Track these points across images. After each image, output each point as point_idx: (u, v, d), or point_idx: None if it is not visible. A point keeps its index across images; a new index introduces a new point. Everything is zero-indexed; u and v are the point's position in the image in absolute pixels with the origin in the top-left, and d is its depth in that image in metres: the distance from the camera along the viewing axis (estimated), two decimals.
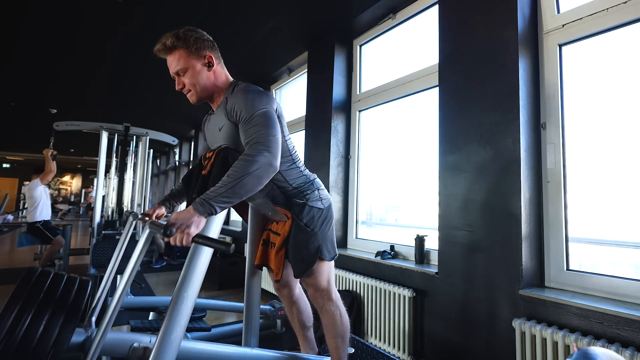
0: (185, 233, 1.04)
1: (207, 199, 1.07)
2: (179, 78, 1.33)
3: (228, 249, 0.98)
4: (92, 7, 2.89)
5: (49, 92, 5.33)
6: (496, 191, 1.83)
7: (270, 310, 2.72)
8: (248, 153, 1.14)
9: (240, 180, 1.08)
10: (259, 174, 1.11)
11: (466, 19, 2.08)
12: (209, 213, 1.07)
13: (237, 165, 1.11)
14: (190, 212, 1.06)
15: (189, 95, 1.37)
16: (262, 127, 1.19)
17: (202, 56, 1.31)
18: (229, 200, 1.09)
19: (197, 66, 1.31)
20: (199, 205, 1.06)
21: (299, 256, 1.41)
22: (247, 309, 1.54)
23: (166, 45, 1.27)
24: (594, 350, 0.65)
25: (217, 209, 1.08)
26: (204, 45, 1.31)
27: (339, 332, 1.51)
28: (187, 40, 1.28)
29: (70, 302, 1.02)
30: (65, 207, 16.20)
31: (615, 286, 1.51)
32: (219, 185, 1.09)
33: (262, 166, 1.12)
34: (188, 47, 1.28)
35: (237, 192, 1.09)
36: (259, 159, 1.12)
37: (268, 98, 1.29)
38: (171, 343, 1.03)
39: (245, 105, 1.24)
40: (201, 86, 1.33)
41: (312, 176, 1.51)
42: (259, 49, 3.61)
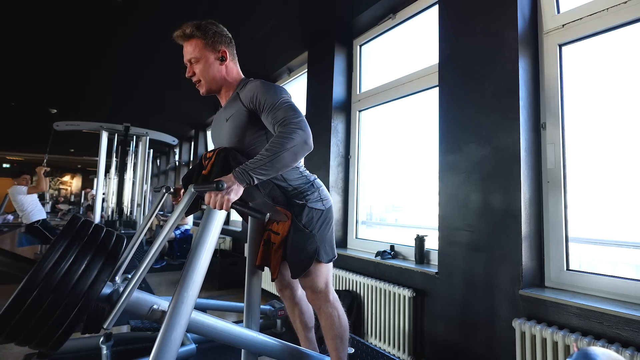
0: (225, 198, 1.08)
1: (247, 169, 1.12)
2: (191, 66, 1.37)
3: (263, 217, 1.07)
4: (92, 7, 2.89)
5: (49, 92, 5.33)
6: (496, 191, 1.83)
7: (270, 310, 2.71)
8: (283, 131, 1.18)
9: (279, 154, 1.13)
10: (296, 150, 1.16)
11: (466, 19, 2.08)
12: (247, 183, 1.12)
13: (275, 141, 1.15)
14: (230, 180, 1.10)
15: (198, 86, 1.41)
16: (291, 111, 1.23)
17: (217, 50, 1.36)
18: (266, 173, 1.14)
19: (210, 58, 1.36)
20: (239, 174, 1.11)
21: (296, 257, 1.41)
22: (247, 309, 1.54)
23: (185, 32, 1.33)
24: (594, 350, 0.65)
25: (254, 179, 1.13)
26: (222, 40, 1.37)
27: (338, 333, 1.51)
28: (206, 32, 1.34)
29: (109, 250, 1.08)
30: (65, 207, 16.19)
31: (615, 286, 1.51)
32: (257, 158, 1.14)
33: (298, 143, 1.16)
34: (205, 39, 1.34)
35: (274, 165, 1.14)
36: (295, 136, 1.16)
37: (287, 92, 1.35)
38: (171, 343, 1.03)
39: (268, 94, 1.28)
40: (210, 77, 1.38)
41: (312, 177, 1.51)
42: (259, 49, 3.61)
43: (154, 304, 1.17)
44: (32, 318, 0.93)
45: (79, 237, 1.04)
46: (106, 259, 1.05)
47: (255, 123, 1.35)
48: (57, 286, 0.94)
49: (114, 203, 4.86)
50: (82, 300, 0.97)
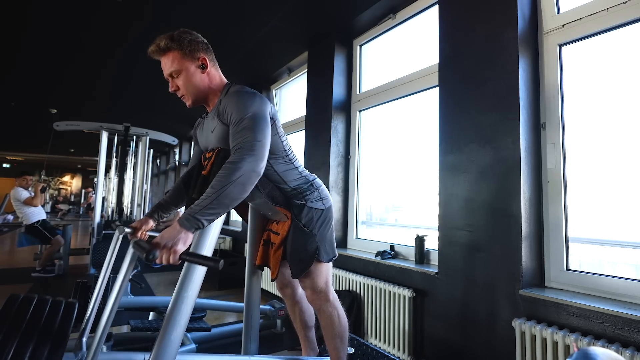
0: (172, 251, 1.00)
1: (193, 213, 1.04)
2: (173, 80, 1.31)
3: (217, 265, 0.94)
4: (93, 7, 2.89)
5: (50, 93, 5.33)
6: (496, 191, 1.83)
7: (270, 310, 2.72)
8: (231, 160, 1.12)
9: (223, 190, 1.06)
10: (242, 181, 1.09)
11: (466, 19, 2.08)
12: (195, 228, 1.04)
13: (220, 175, 1.09)
14: (176, 229, 1.02)
15: (183, 98, 1.35)
16: (249, 131, 1.16)
17: (196, 58, 1.29)
18: (215, 212, 1.06)
19: (191, 68, 1.29)
20: (185, 221, 1.03)
21: (297, 257, 1.41)
22: (247, 309, 1.55)
23: (160, 46, 1.26)
24: (594, 350, 0.65)
25: (203, 222, 1.05)
26: (198, 47, 1.30)
27: (337, 333, 1.51)
28: (182, 42, 1.26)
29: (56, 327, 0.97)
30: (65, 207, 16.21)
31: (615, 286, 1.51)
32: (203, 198, 1.06)
33: (245, 173, 1.09)
34: (182, 49, 1.26)
35: (222, 202, 1.06)
36: (241, 165, 1.10)
37: (261, 100, 1.27)
38: (171, 343, 1.03)
39: (236, 108, 1.22)
40: (195, 88, 1.31)
41: (312, 176, 1.51)
42: (259, 49, 3.61)
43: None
44: None
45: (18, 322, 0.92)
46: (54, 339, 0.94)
47: None
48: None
49: (114, 203, 4.85)
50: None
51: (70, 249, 4.87)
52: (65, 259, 4.74)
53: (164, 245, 1.01)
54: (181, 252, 1.01)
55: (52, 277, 4.51)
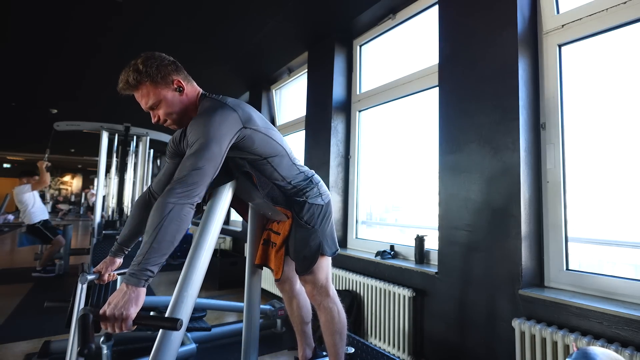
0: (122, 318, 0.90)
1: (136, 268, 0.95)
2: (154, 112, 1.23)
3: (175, 325, 0.87)
4: (92, 6, 2.89)
5: (49, 92, 5.33)
6: (496, 191, 1.83)
7: (270, 310, 2.72)
8: (159, 197, 1.04)
9: (157, 230, 0.98)
10: (173, 216, 1.00)
11: (466, 19, 2.08)
12: (145, 280, 0.95)
13: (151, 216, 1.01)
14: (123, 291, 0.93)
15: (168, 125, 1.26)
16: (191, 159, 1.08)
17: (169, 82, 1.20)
18: (159, 255, 0.98)
19: (169, 95, 1.20)
20: (131, 278, 0.94)
21: (301, 254, 1.42)
22: (247, 308, 1.55)
23: (129, 83, 1.16)
24: (593, 350, 0.66)
25: (152, 271, 0.96)
26: (168, 70, 1.20)
27: (337, 329, 1.52)
28: (150, 72, 1.16)
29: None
30: (65, 207, 16.20)
31: (614, 286, 1.51)
32: (141, 247, 0.98)
33: (174, 207, 1.01)
34: (153, 79, 1.17)
35: (161, 243, 0.98)
36: (169, 199, 1.01)
37: (220, 118, 1.15)
38: (171, 343, 1.03)
39: (191, 133, 1.14)
40: (177, 113, 1.23)
41: (310, 172, 1.51)
42: (259, 49, 3.61)
43: None
44: None
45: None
46: None
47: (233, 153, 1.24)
48: None
49: (115, 203, 4.86)
50: None
51: (71, 249, 4.87)
52: (66, 259, 4.75)
53: (112, 315, 0.90)
54: (134, 317, 0.92)
55: (52, 277, 4.51)
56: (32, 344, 2.41)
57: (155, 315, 0.97)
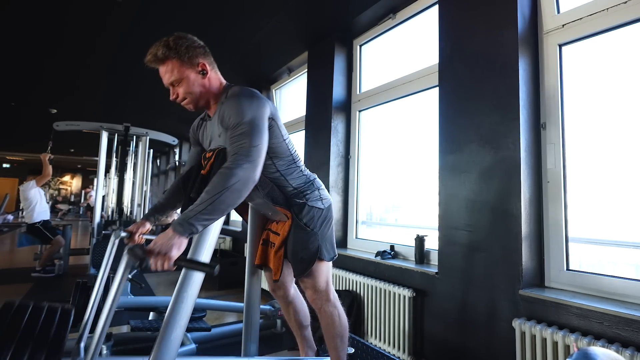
0: (166, 257, 0.99)
1: (187, 218, 1.03)
2: (174, 88, 1.29)
3: (212, 270, 0.93)
4: (92, 6, 2.89)
5: (49, 92, 5.33)
6: (496, 191, 1.83)
7: (270, 310, 2.72)
8: (227, 166, 1.11)
9: (219, 195, 1.05)
10: (238, 188, 1.09)
11: (466, 19, 2.08)
12: (189, 233, 1.03)
13: (215, 180, 1.08)
14: (169, 235, 1.02)
15: (185, 104, 1.32)
16: (246, 137, 1.16)
17: (195, 64, 1.26)
18: (209, 217, 1.05)
19: (192, 75, 1.26)
20: (178, 226, 1.02)
21: (299, 256, 1.41)
22: (247, 309, 1.55)
23: (157, 56, 1.23)
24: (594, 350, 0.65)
25: (197, 227, 1.04)
26: (196, 52, 1.27)
27: (338, 333, 1.51)
28: (179, 50, 1.23)
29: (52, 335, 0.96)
30: (65, 207, 16.20)
31: (615, 286, 1.51)
32: (197, 203, 1.06)
33: (240, 179, 1.09)
34: (180, 57, 1.23)
35: (216, 207, 1.05)
36: (237, 172, 1.09)
37: (259, 102, 1.25)
38: (171, 343, 1.03)
39: (234, 112, 1.21)
40: (197, 95, 1.29)
41: (312, 176, 1.51)
42: (259, 49, 3.60)
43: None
44: None
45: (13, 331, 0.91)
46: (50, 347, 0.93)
47: None
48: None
49: (114, 203, 4.85)
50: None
51: (70, 249, 4.87)
52: (65, 259, 4.74)
53: (157, 252, 1.00)
54: (175, 258, 1.00)
55: (52, 277, 4.51)
56: None
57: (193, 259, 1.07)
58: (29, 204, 4.59)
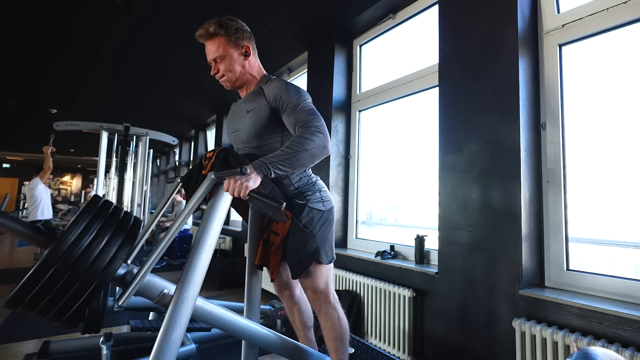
0: (244, 185, 1.09)
1: (266, 162, 1.14)
2: (216, 64, 1.39)
3: (280, 206, 1.07)
4: (91, 6, 2.89)
5: (49, 92, 5.33)
6: (496, 191, 1.83)
7: (270, 310, 2.72)
8: (304, 132, 1.21)
9: (298, 153, 1.17)
10: (314, 153, 1.20)
11: (466, 19, 2.08)
12: (264, 174, 1.14)
13: (296, 140, 1.19)
14: (250, 169, 1.12)
15: (223, 81, 1.43)
16: (312, 115, 1.27)
17: (240, 46, 1.39)
18: (284, 168, 1.16)
19: (235, 55, 1.38)
20: (258, 165, 1.13)
21: (296, 257, 1.41)
22: (247, 309, 1.54)
23: (209, 31, 1.35)
24: (594, 350, 0.65)
25: (272, 172, 1.15)
26: (244, 35, 1.40)
27: (338, 335, 1.50)
28: (229, 29, 1.36)
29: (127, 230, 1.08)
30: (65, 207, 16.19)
31: (615, 286, 1.51)
32: (277, 153, 1.16)
33: (317, 146, 1.20)
34: (229, 36, 1.36)
35: (292, 163, 1.17)
36: (315, 139, 1.20)
37: (308, 95, 1.37)
38: (171, 343, 1.03)
39: (293, 95, 1.31)
40: (236, 74, 1.41)
41: (315, 177, 1.51)
42: (258, 49, 3.55)
43: (164, 288, 1.18)
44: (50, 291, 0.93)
45: (100, 214, 1.04)
46: (125, 238, 1.05)
47: (275, 121, 1.37)
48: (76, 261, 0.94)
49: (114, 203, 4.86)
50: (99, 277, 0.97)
51: None
52: None
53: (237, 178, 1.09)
54: (250, 189, 1.11)
55: None
56: (32, 344, 2.40)
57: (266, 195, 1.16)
58: (34, 202, 4.65)
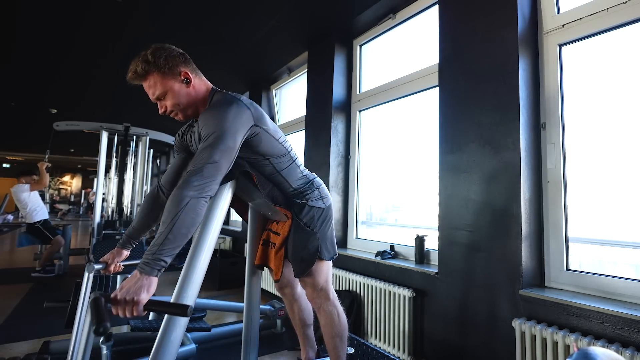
0: (134, 303, 0.93)
1: (151, 257, 0.98)
2: (161, 102, 1.25)
3: (185, 312, 0.89)
4: (92, 6, 2.89)
5: (49, 92, 5.33)
6: (496, 191, 1.83)
7: (270, 310, 2.72)
8: (177, 186, 1.07)
9: (174, 221, 1.01)
10: (191, 207, 1.03)
11: (466, 19, 2.08)
12: (158, 270, 0.98)
13: (168, 207, 1.04)
14: (136, 277, 0.96)
15: (173, 116, 1.29)
16: (207, 151, 1.10)
17: (177, 74, 1.23)
18: (174, 246, 1.00)
19: (175, 86, 1.23)
20: (145, 266, 0.97)
21: (299, 256, 1.42)
22: (247, 309, 1.54)
23: (137, 72, 1.20)
24: (594, 350, 0.65)
25: (165, 260, 0.99)
26: (176, 61, 1.23)
27: (337, 332, 1.51)
28: (158, 62, 1.19)
29: None
30: (65, 207, 16.20)
31: (615, 286, 1.51)
32: (156, 237, 1.01)
33: (191, 199, 1.03)
34: (160, 69, 1.20)
35: (177, 233, 1.01)
36: (186, 192, 1.04)
37: (236, 112, 1.17)
38: (171, 343, 1.03)
39: (204, 125, 1.16)
40: (184, 105, 1.26)
41: (312, 176, 1.51)
42: (259, 49, 3.60)
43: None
44: None
45: None
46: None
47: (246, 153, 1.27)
48: None
49: (114, 203, 4.85)
50: None
51: (70, 249, 4.87)
52: (65, 259, 4.74)
53: (123, 299, 0.93)
54: (145, 302, 0.94)
55: (52, 277, 4.51)
56: (32, 344, 2.40)
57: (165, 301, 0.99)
58: (23, 207, 4.62)
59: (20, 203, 4.62)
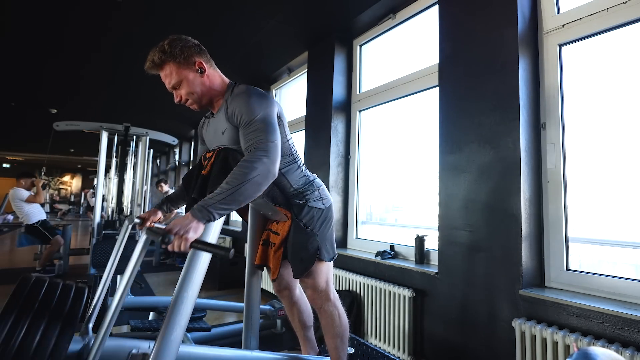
0: (183, 239, 1.02)
1: (206, 205, 1.06)
2: (177, 91, 1.32)
3: (227, 254, 0.95)
4: (91, 6, 2.89)
5: (49, 92, 5.33)
6: (496, 191, 1.83)
7: (270, 310, 2.72)
8: (247, 159, 1.14)
9: (239, 187, 1.08)
10: (258, 181, 1.12)
11: (466, 19, 2.08)
12: (207, 220, 1.06)
13: (236, 172, 1.11)
14: (188, 218, 1.04)
15: (189, 105, 1.36)
16: (262, 133, 1.19)
17: (192, 63, 1.29)
18: (227, 207, 1.08)
19: (190, 75, 1.29)
20: (197, 212, 1.05)
21: (298, 256, 1.41)
22: (247, 309, 1.54)
23: (154, 62, 1.27)
24: (594, 350, 0.65)
25: (215, 215, 1.07)
26: (191, 52, 1.29)
27: (338, 332, 1.51)
28: (174, 52, 1.26)
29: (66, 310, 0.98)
30: (65, 207, 16.20)
31: (615, 286, 1.51)
32: (217, 192, 1.08)
33: (261, 173, 1.12)
34: (176, 59, 1.26)
35: (236, 199, 1.08)
36: (258, 165, 1.12)
37: (268, 101, 1.28)
38: (171, 343, 1.03)
39: (246, 109, 1.23)
40: (199, 94, 1.33)
41: (312, 176, 1.51)
42: (259, 49, 3.60)
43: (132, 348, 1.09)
44: None
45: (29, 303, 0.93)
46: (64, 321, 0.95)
47: None
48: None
49: (114, 203, 4.85)
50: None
51: (70, 249, 4.87)
52: (65, 259, 4.74)
53: (175, 232, 1.02)
54: (192, 241, 1.03)
55: (51, 277, 4.51)
56: None
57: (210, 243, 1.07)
58: (20, 210, 4.66)
59: (16, 208, 4.68)
